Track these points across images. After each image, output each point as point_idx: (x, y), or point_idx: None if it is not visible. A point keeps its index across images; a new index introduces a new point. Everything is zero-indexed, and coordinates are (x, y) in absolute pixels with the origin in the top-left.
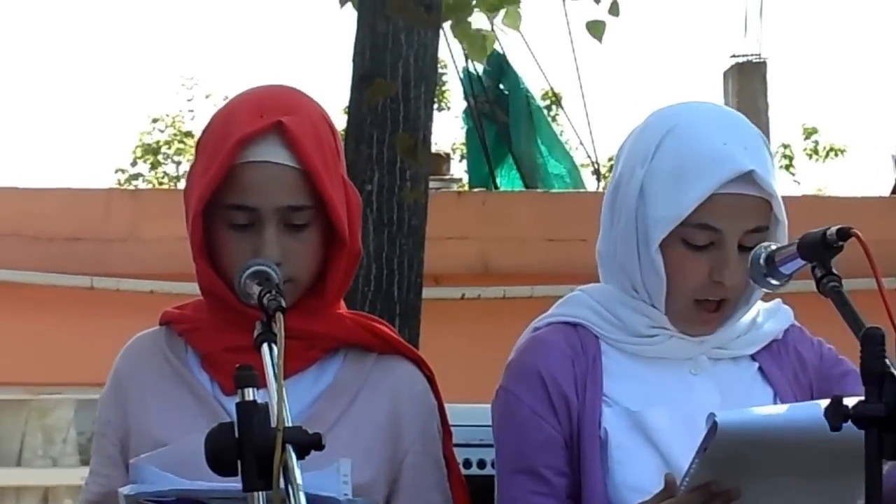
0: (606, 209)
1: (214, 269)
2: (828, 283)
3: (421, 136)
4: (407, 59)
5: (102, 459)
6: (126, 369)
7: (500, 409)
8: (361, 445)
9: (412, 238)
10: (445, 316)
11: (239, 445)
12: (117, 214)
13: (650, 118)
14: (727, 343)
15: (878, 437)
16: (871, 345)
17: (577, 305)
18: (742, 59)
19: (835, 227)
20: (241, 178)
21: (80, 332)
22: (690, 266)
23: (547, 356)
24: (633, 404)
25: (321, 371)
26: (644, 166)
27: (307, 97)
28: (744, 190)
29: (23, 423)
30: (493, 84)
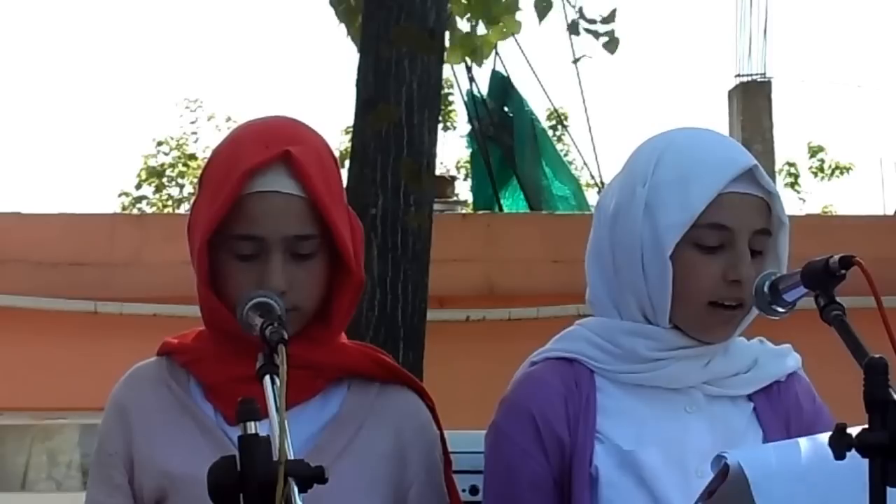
0: (598, 248)
1: (219, 298)
2: (831, 311)
3: (425, 161)
4: (410, 85)
5: (108, 489)
6: (128, 400)
7: (490, 445)
8: (367, 476)
9: (416, 263)
10: (450, 338)
11: (241, 479)
12: (121, 239)
13: (639, 147)
14: (727, 380)
15: (883, 465)
16: (874, 374)
17: (574, 340)
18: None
19: (837, 256)
20: (247, 208)
21: (83, 356)
22: (704, 269)
23: (539, 395)
24: (626, 443)
25: (326, 401)
26: (645, 184)
27: (309, 128)
28: (748, 189)
29: (27, 447)
30: (497, 107)
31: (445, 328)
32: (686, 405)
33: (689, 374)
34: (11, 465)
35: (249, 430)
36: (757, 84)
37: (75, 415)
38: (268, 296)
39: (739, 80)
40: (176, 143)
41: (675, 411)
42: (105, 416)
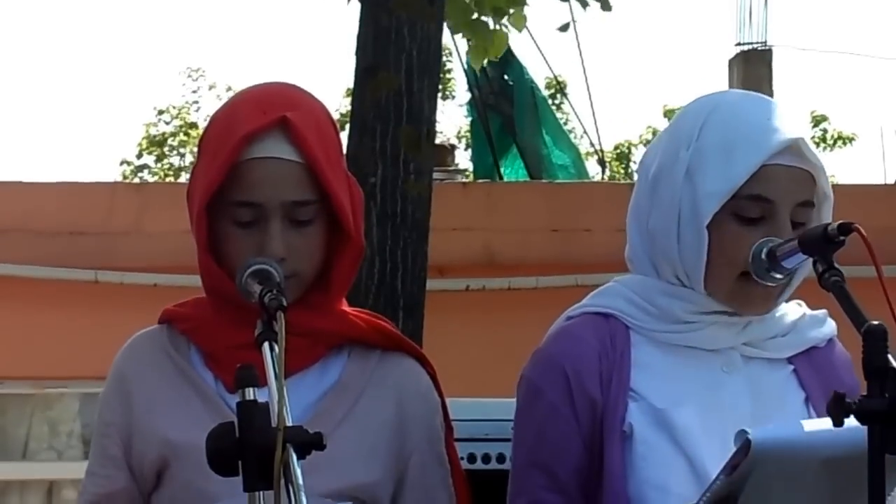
0: (639, 210)
1: (219, 265)
2: (830, 277)
3: (425, 129)
4: (410, 53)
5: (103, 461)
6: (128, 368)
7: (521, 398)
8: (368, 444)
9: (416, 231)
10: (450, 307)
11: (239, 445)
12: (121, 208)
13: (687, 107)
14: (765, 342)
15: (881, 432)
16: (873, 340)
17: (611, 296)
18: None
19: (836, 223)
20: (245, 174)
21: (84, 326)
22: (743, 240)
23: (573, 351)
24: (659, 401)
25: (325, 368)
26: (689, 147)
27: (308, 93)
28: (793, 162)
29: (28, 416)
30: (497, 75)
31: (445, 297)
32: (723, 365)
33: (726, 337)
34: (13, 435)
35: (248, 397)
36: (757, 52)
37: (76, 384)
38: (266, 263)
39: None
40: (177, 112)
41: (712, 371)
42: (106, 384)
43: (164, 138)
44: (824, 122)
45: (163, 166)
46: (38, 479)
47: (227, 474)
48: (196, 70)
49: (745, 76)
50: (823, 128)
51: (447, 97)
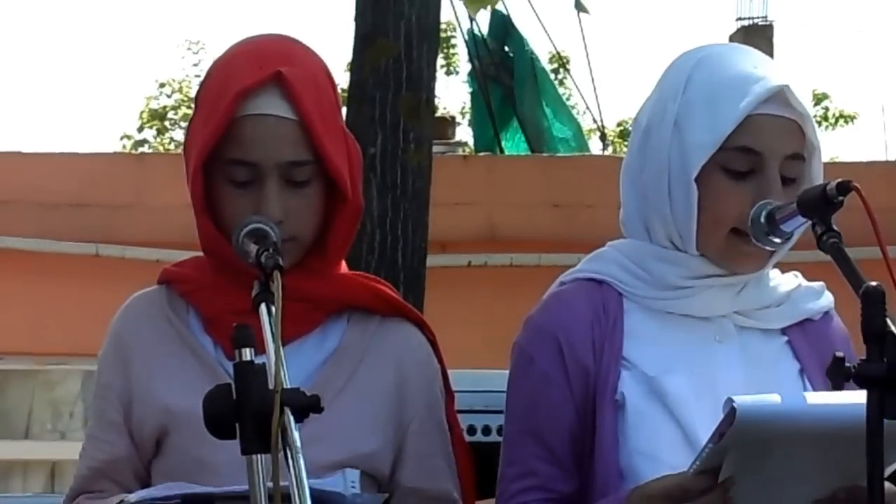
0: (631, 168)
1: (216, 226)
2: (828, 239)
3: (424, 96)
4: (409, 19)
5: (104, 425)
6: (126, 330)
7: (513, 365)
8: (369, 413)
9: (416, 202)
10: (452, 283)
11: (236, 408)
12: (123, 180)
13: (674, 61)
14: (759, 311)
15: (880, 396)
16: (872, 303)
17: (604, 261)
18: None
19: (835, 182)
20: (240, 131)
21: (85, 299)
22: (732, 195)
23: (566, 319)
24: (651, 369)
25: (325, 334)
26: (676, 100)
27: (306, 47)
28: (779, 111)
29: (30, 396)
30: (498, 46)
31: (447, 273)
32: (716, 334)
33: (720, 303)
34: (15, 414)
35: (245, 357)
36: (758, 27)
37: (77, 361)
38: (263, 222)
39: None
40: (178, 86)
41: (705, 340)
42: (105, 345)
43: (165, 112)
44: (825, 100)
45: (163, 140)
46: (41, 459)
47: (223, 437)
48: (196, 43)
49: None
50: (825, 106)
51: (450, 73)
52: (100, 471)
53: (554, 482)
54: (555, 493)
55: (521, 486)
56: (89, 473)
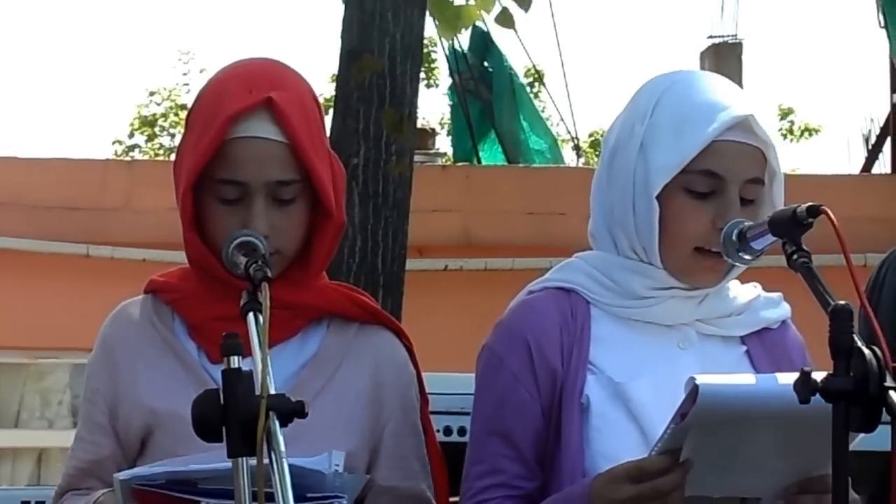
0: (600, 183)
1: (203, 241)
2: (798, 258)
3: (406, 111)
4: (394, 37)
5: (90, 427)
6: (114, 337)
7: (482, 367)
8: (345, 413)
9: (397, 210)
10: (429, 286)
11: (224, 412)
12: (113, 185)
13: (644, 84)
14: (720, 320)
15: (846, 410)
16: (839, 321)
17: (572, 271)
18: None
19: (805, 205)
20: (231, 153)
21: (75, 298)
22: (692, 214)
23: (535, 323)
24: (617, 375)
25: (305, 340)
26: (644, 123)
27: (294, 72)
28: (743, 138)
29: (21, 386)
30: (477, 62)
31: (424, 277)
32: (679, 341)
33: (683, 312)
34: (6, 404)
35: (233, 365)
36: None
37: (67, 354)
38: (252, 235)
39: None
40: (168, 94)
41: (668, 346)
42: (93, 352)
43: (155, 119)
44: (791, 114)
45: (153, 146)
46: (29, 447)
47: (211, 440)
48: (187, 53)
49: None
50: (791, 120)
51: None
52: (86, 470)
53: (518, 480)
54: (519, 491)
55: (486, 484)
56: (76, 473)
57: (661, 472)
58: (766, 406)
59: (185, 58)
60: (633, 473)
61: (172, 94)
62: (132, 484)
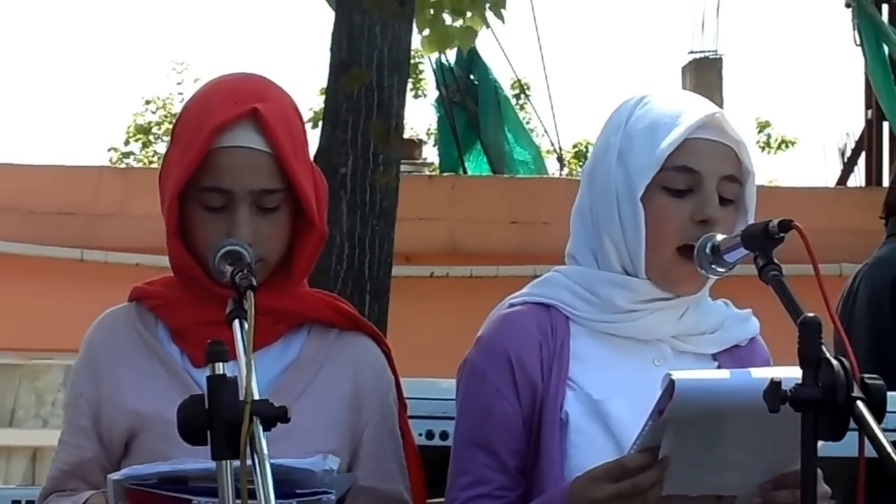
0: (581, 207)
1: (187, 248)
2: (769, 271)
3: (394, 123)
4: (381, 50)
5: (74, 430)
6: (98, 342)
7: (465, 381)
8: (325, 417)
9: (383, 219)
10: (415, 293)
11: (209, 416)
12: (107, 191)
13: (616, 106)
14: (695, 337)
15: (814, 418)
16: (808, 332)
17: (552, 286)
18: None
19: (777, 220)
20: (216, 162)
21: (70, 301)
22: (672, 210)
23: (516, 337)
24: (595, 391)
25: (287, 345)
26: (619, 134)
27: (277, 86)
28: (716, 137)
29: (16, 385)
30: (464, 74)
31: (410, 283)
32: (655, 358)
33: (662, 326)
34: (1, 403)
35: (218, 371)
36: (709, 60)
37: (61, 356)
38: (238, 244)
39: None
40: (163, 103)
41: (644, 363)
42: (78, 358)
43: (150, 127)
44: (768, 127)
45: (148, 153)
46: (23, 445)
47: (196, 443)
48: (181, 63)
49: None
50: (768, 133)
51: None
52: (70, 472)
53: (502, 490)
54: (503, 500)
55: (471, 494)
56: (60, 475)
57: (640, 470)
58: (742, 401)
59: (179, 67)
60: (612, 472)
61: (167, 103)
62: (125, 484)
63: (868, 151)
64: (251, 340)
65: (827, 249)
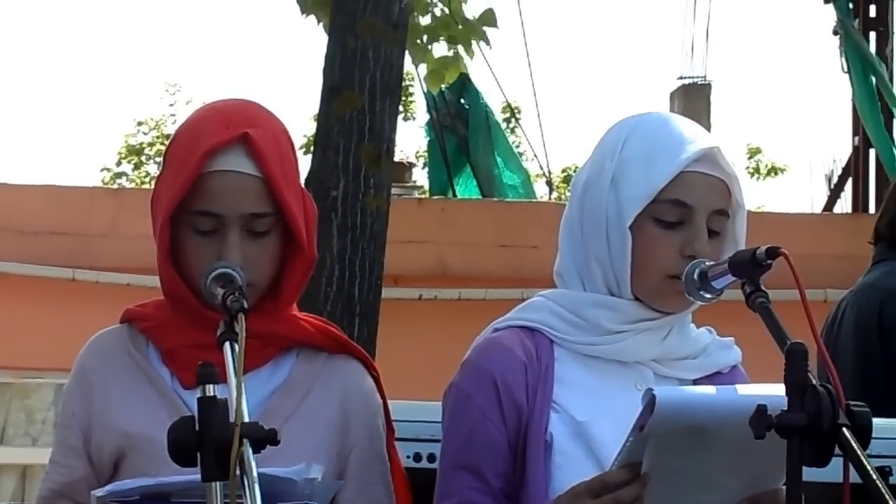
0: (570, 224)
1: (178, 271)
2: (756, 298)
3: (385, 146)
4: (374, 74)
5: (64, 450)
6: (90, 364)
7: (451, 404)
8: (313, 439)
9: (374, 242)
10: (404, 315)
11: (199, 438)
12: (99, 211)
13: (612, 126)
14: (677, 362)
15: (800, 444)
16: (795, 359)
17: (537, 310)
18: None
19: (764, 247)
20: (207, 186)
21: (61, 320)
22: (662, 243)
23: (502, 361)
24: (579, 414)
25: (276, 368)
26: (614, 158)
27: (269, 111)
28: (709, 170)
29: (6, 403)
30: (454, 98)
31: (399, 305)
32: (637, 382)
33: (646, 348)
34: None
35: (208, 393)
36: (698, 86)
37: (52, 374)
38: (230, 267)
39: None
40: (155, 124)
41: (627, 387)
42: (70, 378)
43: (142, 148)
44: (758, 154)
45: (140, 174)
46: (13, 463)
47: (186, 465)
48: (174, 85)
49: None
50: (757, 159)
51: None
52: (59, 492)
53: None
54: None
55: None
56: (50, 494)
57: (621, 485)
58: (723, 416)
59: (172, 89)
60: (594, 487)
61: (159, 124)
62: (108, 500)
63: (855, 178)
64: (241, 362)
65: (812, 275)
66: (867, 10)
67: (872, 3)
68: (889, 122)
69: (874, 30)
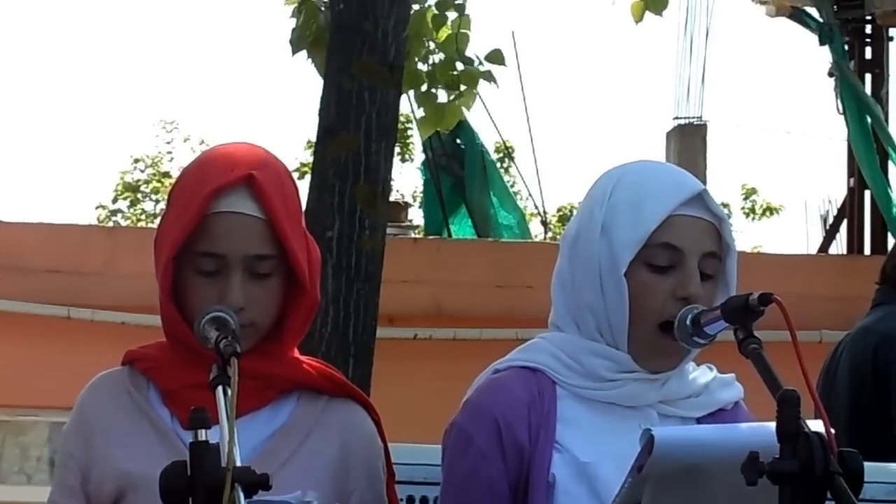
0: (562, 276)
1: (181, 311)
2: (749, 345)
3: (380, 187)
4: (370, 116)
5: (62, 490)
6: (91, 405)
7: (451, 445)
8: (312, 482)
9: (368, 283)
10: (398, 355)
11: (191, 483)
12: (94, 249)
13: (600, 176)
14: (680, 401)
15: (791, 492)
16: (787, 407)
17: (538, 351)
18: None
19: (757, 294)
20: (211, 226)
21: (56, 358)
22: (654, 287)
23: (505, 401)
24: (583, 455)
25: (276, 410)
26: (602, 207)
27: (272, 154)
28: (698, 213)
29: (1, 441)
30: (450, 139)
31: (394, 345)
32: (640, 422)
33: (646, 394)
34: None
35: (200, 438)
36: (693, 126)
37: (46, 413)
38: (223, 310)
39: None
40: (151, 161)
41: (630, 428)
42: (70, 419)
43: (139, 185)
44: (754, 194)
45: (136, 211)
46: (8, 501)
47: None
48: (170, 122)
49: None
50: (753, 199)
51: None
52: None
53: None
54: None
55: None
56: None
57: None
58: (721, 455)
59: (168, 127)
60: None
61: (156, 162)
62: None
63: (850, 219)
64: (234, 408)
65: (807, 317)
66: (863, 52)
67: (868, 45)
68: (884, 164)
69: (870, 71)
